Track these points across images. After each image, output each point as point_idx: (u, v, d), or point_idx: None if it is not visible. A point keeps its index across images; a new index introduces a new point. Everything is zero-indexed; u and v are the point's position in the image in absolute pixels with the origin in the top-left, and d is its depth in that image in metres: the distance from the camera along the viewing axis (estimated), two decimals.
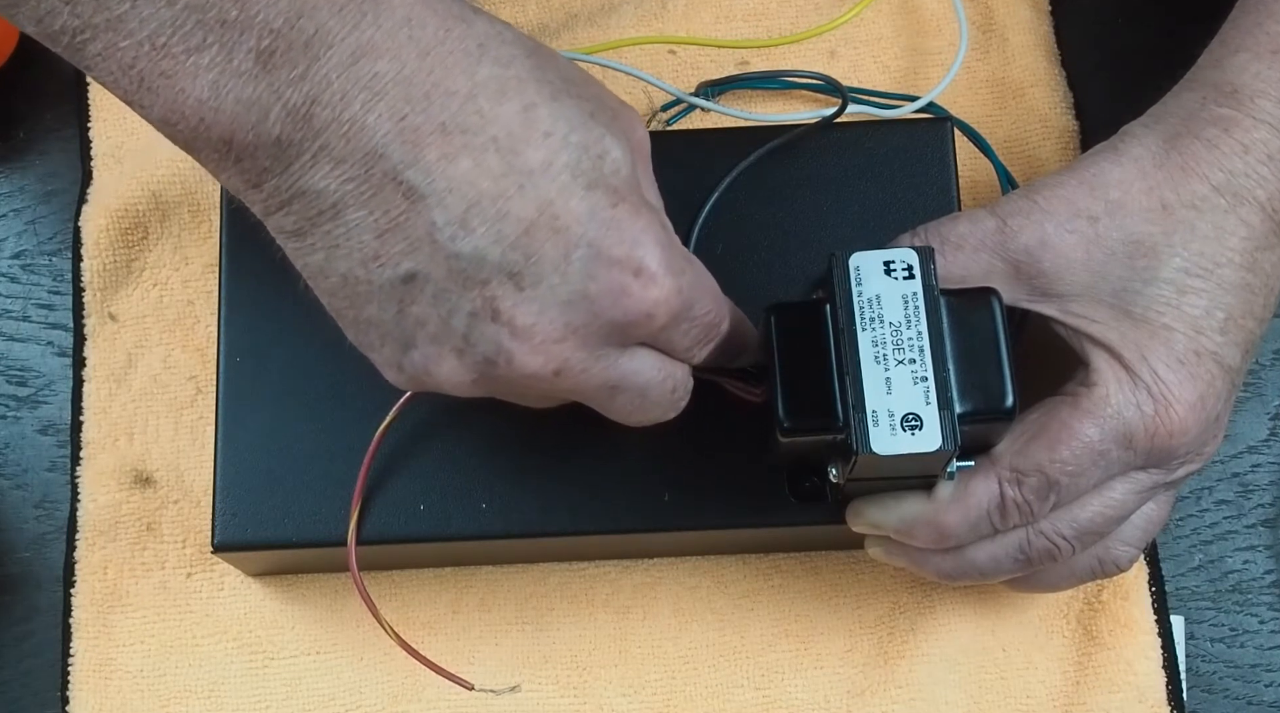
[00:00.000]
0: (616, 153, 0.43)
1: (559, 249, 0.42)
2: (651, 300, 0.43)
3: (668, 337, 0.45)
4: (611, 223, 0.42)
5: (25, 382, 0.64)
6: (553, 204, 0.42)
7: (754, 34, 0.67)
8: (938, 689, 0.59)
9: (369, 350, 0.46)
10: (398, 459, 0.55)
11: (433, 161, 0.41)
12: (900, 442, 0.46)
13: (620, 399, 0.46)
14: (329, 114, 0.41)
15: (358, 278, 0.43)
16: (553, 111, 0.42)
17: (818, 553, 0.61)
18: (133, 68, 0.41)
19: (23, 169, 0.67)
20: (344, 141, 0.41)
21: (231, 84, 0.41)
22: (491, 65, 0.42)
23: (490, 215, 0.41)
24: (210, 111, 0.41)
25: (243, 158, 0.42)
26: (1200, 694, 0.61)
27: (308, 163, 0.42)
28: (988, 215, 0.50)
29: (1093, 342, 0.49)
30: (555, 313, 0.42)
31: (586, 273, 0.42)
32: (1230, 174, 0.49)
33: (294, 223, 0.43)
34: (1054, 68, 0.67)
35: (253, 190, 0.43)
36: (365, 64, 0.41)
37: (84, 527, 0.62)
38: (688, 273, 0.44)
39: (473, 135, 0.41)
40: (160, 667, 0.60)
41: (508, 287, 0.42)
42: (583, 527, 0.56)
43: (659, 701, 0.60)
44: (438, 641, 0.60)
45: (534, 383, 0.44)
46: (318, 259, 0.44)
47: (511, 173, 0.41)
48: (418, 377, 0.45)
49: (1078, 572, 0.54)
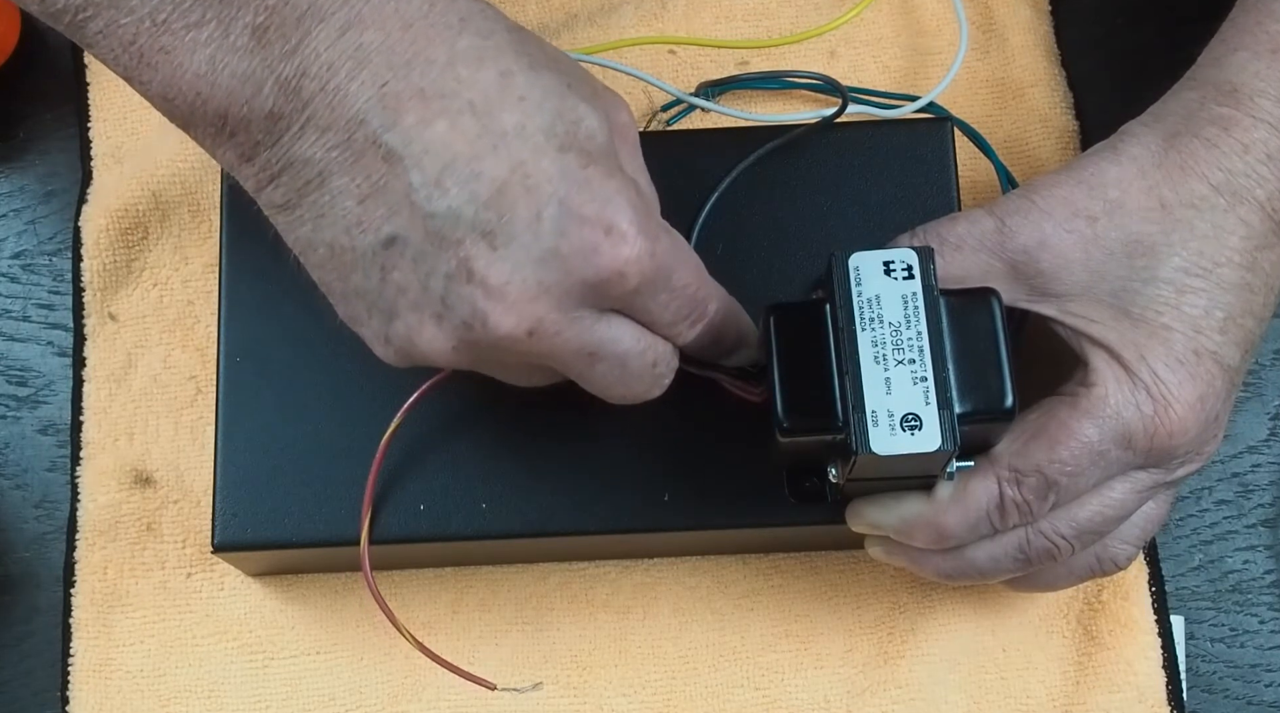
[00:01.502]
0: (591, 120, 0.44)
1: (531, 208, 0.42)
2: (623, 258, 0.43)
3: (644, 304, 0.45)
4: (583, 182, 0.43)
5: (25, 382, 0.65)
6: (525, 164, 0.42)
7: (754, 34, 0.67)
8: (938, 689, 0.59)
9: (358, 325, 0.46)
10: (398, 460, 0.55)
11: (410, 125, 0.42)
12: (900, 442, 0.46)
13: (599, 368, 0.46)
14: (316, 85, 0.42)
15: (342, 246, 0.44)
16: (529, 79, 0.43)
17: (818, 553, 0.61)
18: (133, 44, 0.42)
19: (23, 169, 0.67)
20: (329, 110, 0.42)
21: (228, 59, 0.42)
22: (472, 36, 0.43)
23: (464, 175, 0.42)
24: (207, 86, 0.42)
25: (237, 132, 0.43)
26: (1200, 694, 0.61)
27: (296, 133, 0.43)
28: (986, 216, 0.50)
29: (1092, 342, 0.49)
30: (528, 271, 0.43)
31: (558, 230, 0.42)
32: (1230, 173, 0.49)
33: (283, 195, 0.44)
34: (1054, 68, 0.67)
35: (246, 164, 0.44)
36: (352, 35, 0.42)
37: (84, 527, 0.62)
38: (663, 239, 0.44)
39: (450, 99, 0.42)
40: (160, 667, 0.60)
41: (481, 246, 0.42)
42: (583, 527, 0.56)
43: (659, 701, 0.60)
44: (438, 640, 0.60)
45: (509, 345, 0.44)
46: (305, 231, 0.44)
47: (486, 134, 0.42)
48: (403, 348, 0.45)
49: (1077, 571, 0.54)
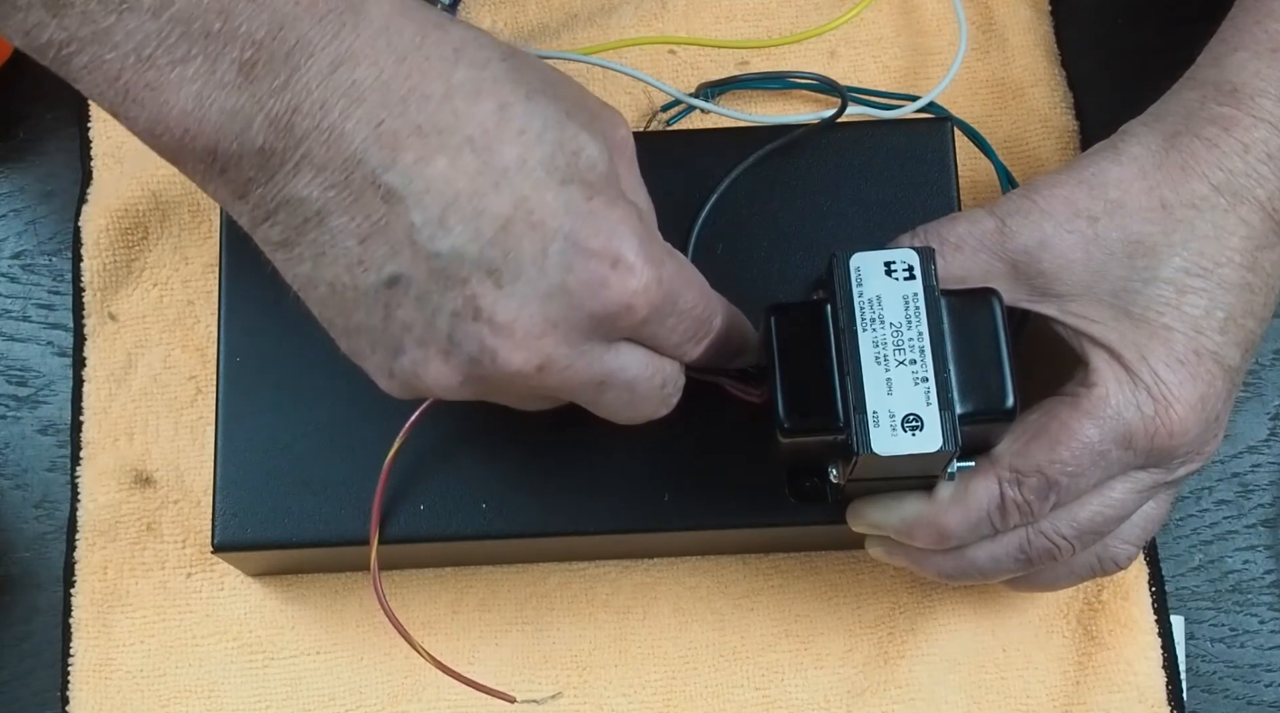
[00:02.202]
0: (592, 149, 0.43)
1: (536, 244, 0.42)
2: (630, 291, 0.43)
3: (652, 331, 0.45)
4: (588, 216, 0.42)
5: (25, 382, 0.64)
6: (528, 200, 0.42)
7: (754, 34, 0.67)
8: (938, 689, 0.59)
9: (361, 359, 0.46)
10: (399, 461, 0.55)
11: (409, 163, 0.41)
12: (901, 442, 0.46)
13: (608, 396, 0.46)
14: (309, 123, 0.41)
15: (344, 285, 0.43)
16: (527, 110, 0.43)
17: (818, 553, 0.61)
18: (118, 79, 0.41)
19: (23, 169, 0.67)
20: (324, 148, 0.41)
21: (215, 95, 0.41)
22: (467, 68, 0.42)
23: (467, 213, 0.42)
24: (195, 122, 0.42)
25: (227, 168, 0.42)
26: (1200, 694, 0.61)
27: (290, 172, 0.42)
28: (987, 216, 0.50)
29: (1092, 342, 0.49)
30: (535, 308, 0.42)
31: (564, 266, 0.42)
32: (1230, 173, 0.49)
33: (280, 233, 0.43)
34: (1054, 68, 0.67)
35: (239, 201, 0.43)
36: (344, 72, 0.41)
37: (84, 527, 0.62)
38: (668, 265, 0.44)
39: (448, 135, 0.42)
40: (160, 667, 0.60)
41: (487, 284, 0.42)
42: (583, 527, 0.56)
43: (659, 701, 0.60)
44: (438, 640, 0.60)
45: (519, 380, 0.44)
46: (305, 269, 0.44)
47: (487, 170, 0.42)
48: (408, 382, 0.45)
49: (1077, 570, 0.54)
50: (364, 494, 0.55)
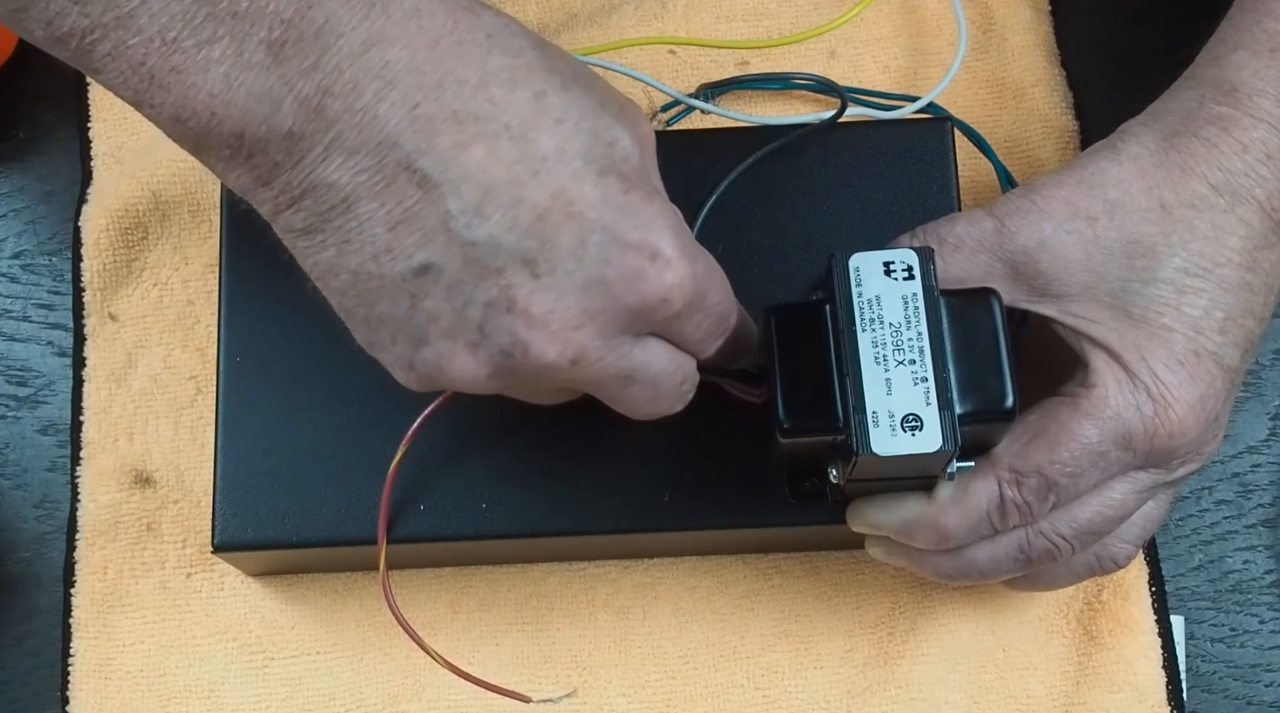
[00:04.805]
0: (626, 141, 0.43)
1: (574, 235, 0.42)
2: (668, 285, 0.43)
3: (680, 326, 0.45)
4: (626, 208, 0.42)
5: (25, 382, 0.65)
6: (566, 190, 0.41)
7: (754, 34, 0.67)
8: (938, 689, 0.59)
9: (379, 351, 0.45)
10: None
11: (446, 149, 0.41)
12: (900, 443, 0.46)
13: (632, 390, 0.46)
14: (341, 104, 0.41)
15: (369, 273, 0.43)
16: (564, 100, 0.42)
17: (818, 553, 0.61)
18: (143, 65, 0.41)
19: (23, 169, 0.67)
20: (356, 132, 0.41)
21: (243, 76, 0.41)
22: (501, 55, 0.42)
23: (505, 202, 0.41)
24: (222, 105, 0.41)
25: (254, 153, 0.42)
26: (1200, 694, 0.61)
27: (319, 156, 0.41)
28: (986, 216, 0.50)
29: (1092, 342, 0.49)
30: (572, 300, 0.42)
31: (602, 257, 0.42)
32: (1229, 173, 0.49)
33: (304, 220, 0.43)
34: (1054, 68, 0.67)
35: (263, 188, 0.43)
36: (376, 53, 0.41)
37: (84, 527, 0.62)
38: (700, 260, 0.44)
39: (485, 123, 0.41)
40: (160, 667, 0.60)
41: (523, 274, 0.42)
42: (583, 527, 0.56)
43: (659, 701, 0.60)
44: (438, 640, 0.60)
45: (550, 373, 0.43)
46: (328, 257, 0.43)
47: (525, 159, 0.41)
48: (430, 374, 0.44)
49: (1076, 570, 0.54)
50: (364, 494, 0.55)
